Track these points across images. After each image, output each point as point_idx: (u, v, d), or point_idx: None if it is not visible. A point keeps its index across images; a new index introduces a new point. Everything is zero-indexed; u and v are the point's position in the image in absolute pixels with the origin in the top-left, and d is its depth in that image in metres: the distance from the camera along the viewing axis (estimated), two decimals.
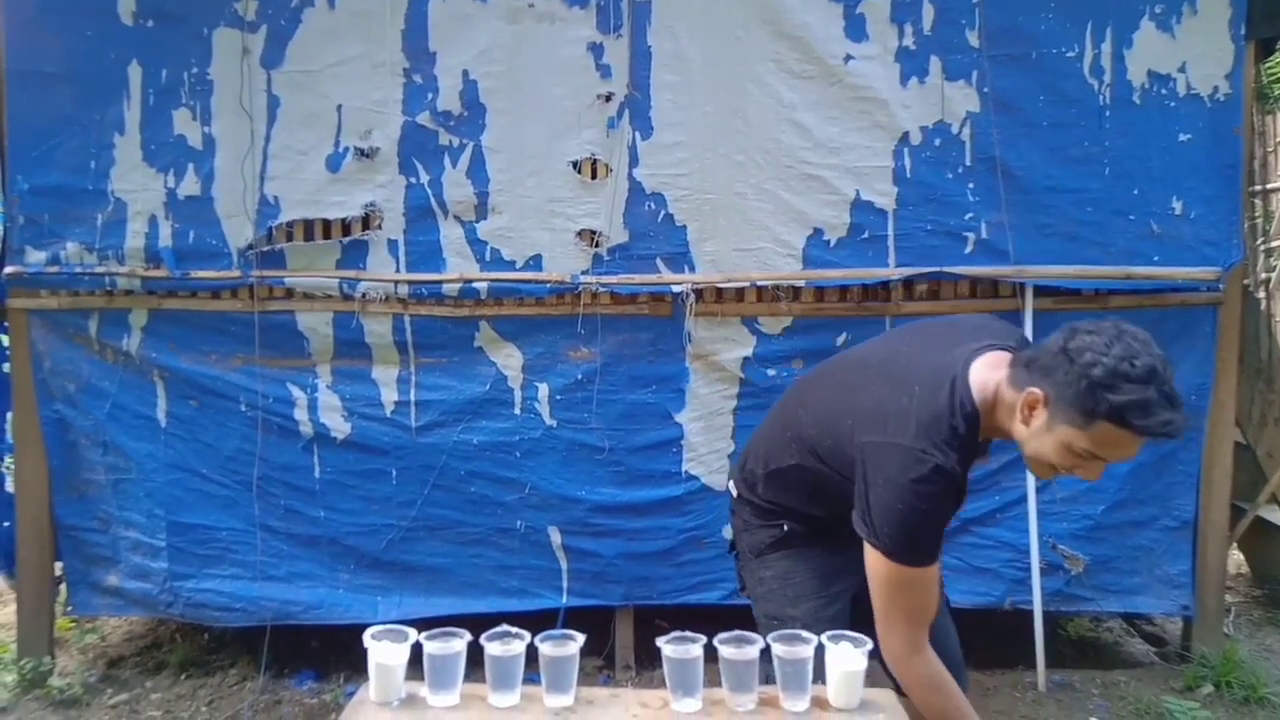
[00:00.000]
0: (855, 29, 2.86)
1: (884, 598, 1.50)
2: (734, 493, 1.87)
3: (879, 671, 1.56)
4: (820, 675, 1.40)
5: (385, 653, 1.38)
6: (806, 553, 1.72)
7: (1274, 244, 5.23)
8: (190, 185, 2.94)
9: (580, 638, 1.40)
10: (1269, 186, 4.94)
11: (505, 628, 1.41)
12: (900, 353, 1.61)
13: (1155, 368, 1.30)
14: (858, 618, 1.58)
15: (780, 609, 1.71)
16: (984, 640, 3.23)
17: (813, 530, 1.75)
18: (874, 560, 1.49)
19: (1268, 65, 3.94)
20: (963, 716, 1.53)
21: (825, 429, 1.61)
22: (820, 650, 1.38)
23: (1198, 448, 2.98)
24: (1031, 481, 2.93)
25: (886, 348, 1.69)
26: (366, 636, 1.40)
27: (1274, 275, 5.09)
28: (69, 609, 3.17)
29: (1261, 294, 4.08)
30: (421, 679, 1.40)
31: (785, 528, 1.75)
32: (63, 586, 3.17)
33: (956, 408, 1.45)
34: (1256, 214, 4.63)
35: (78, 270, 2.97)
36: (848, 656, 1.38)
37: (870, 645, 1.41)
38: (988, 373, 1.48)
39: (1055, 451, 1.39)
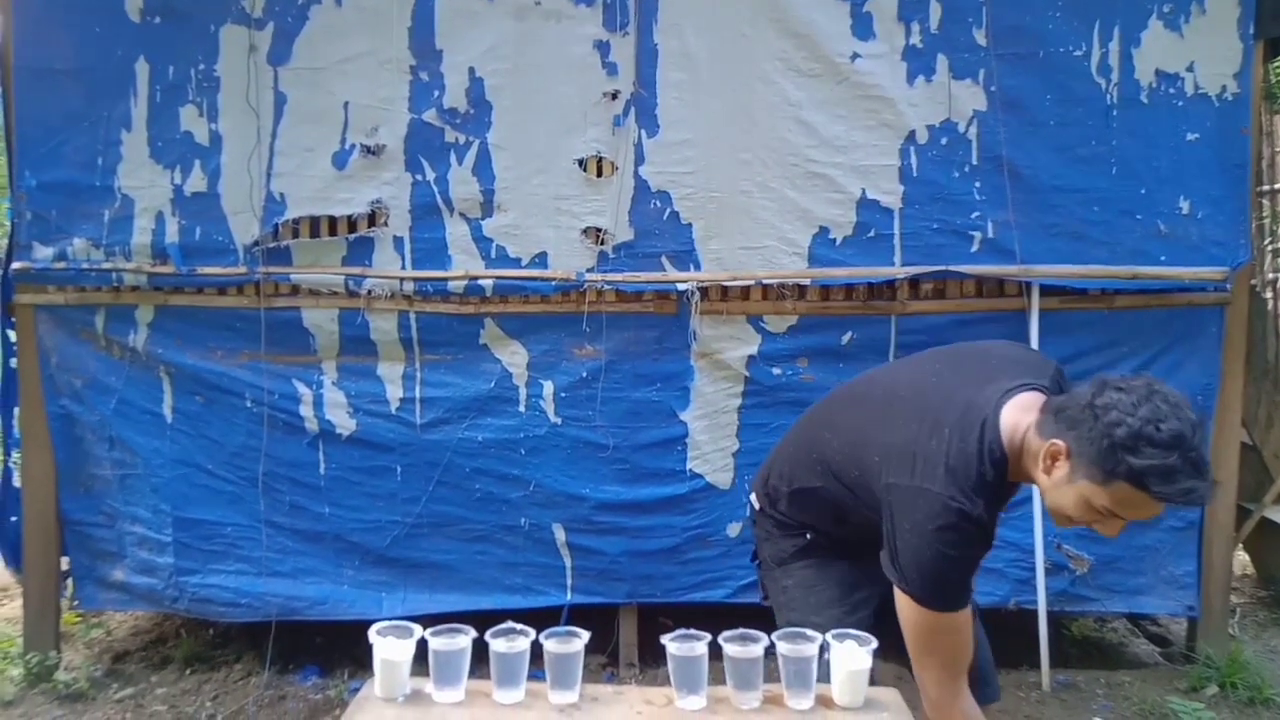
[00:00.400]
0: (862, 27, 2.86)
1: (917, 643, 1.50)
2: (756, 505, 1.86)
3: (883, 671, 1.56)
4: (825, 675, 1.40)
5: (390, 649, 1.39)
6: (830, 561, 1.72)
7: None
8: (197, 182, 2.95)
9: (585, 635, 1.40)
10: (1277, 187, 4.92)
11: (510, 624, 1.41)
12: (931, 385, 1.57)
13: (1183, 434, 1.27)
14: (885, 628, 1.55)
15: (804, 617, 1.68)
16: (988, 640, 3.23)
17: (836, 542, 1.75)
18: (904, 605, 1.48)
19: (1276, 65, 3.93)
20: None
21: (852, 459, 1.60)
22: (825, 648, 1.38)
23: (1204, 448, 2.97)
24: None
25: (917, 375, 1.64)
26: (372, 632, 1.40)
27: None
28: (75, 603, 3.19)
29: (1269, 294, 4.07)
30: (426, 675, 1.40)
31: (808, 537, 1.75)
32: (69, 581, 3.18)
33: (985, 454, 1.42)
34: (1264, 214, 4.61)
35: (85, 266, 2.98)
36: (852, 655, 1.38)
37: (875, 644, 1.41)
38: (1019, 415, 1.45)
39: (1075, 505, 1.37)
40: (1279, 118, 4.92)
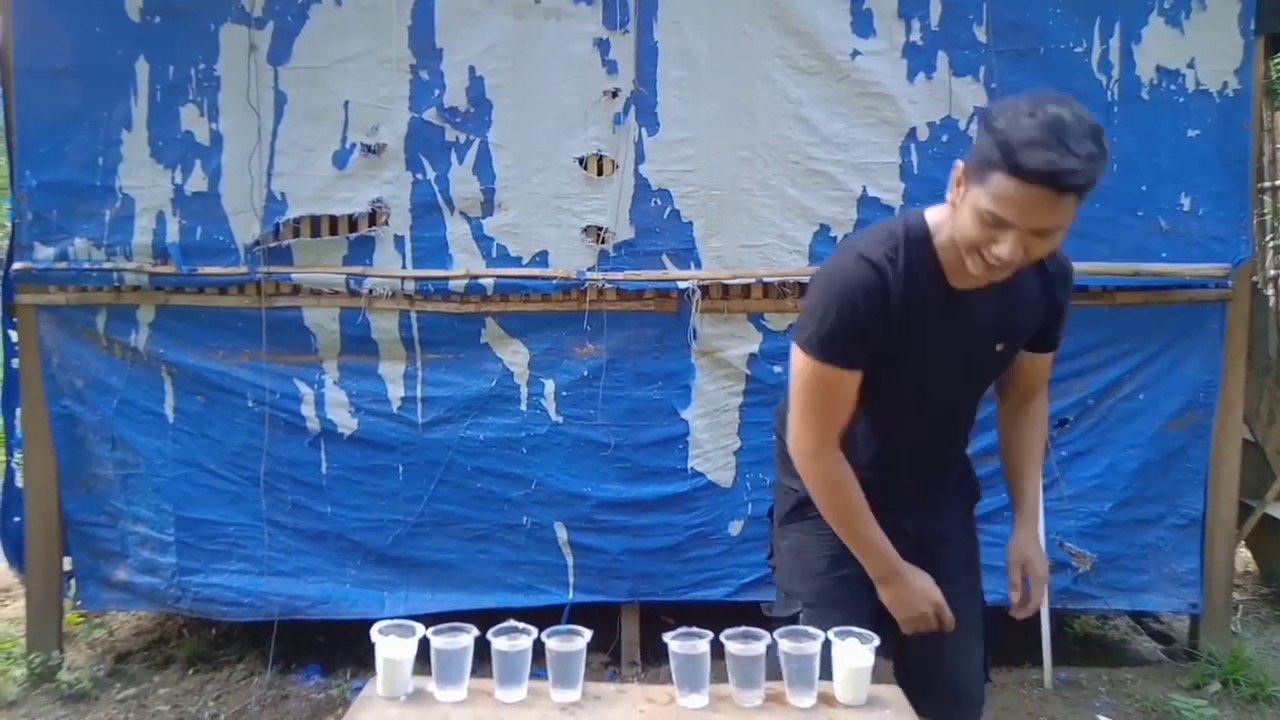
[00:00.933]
0: (862, 24, 2.85)
1: (799, 396, 1.52)
2: (777, 463, 1.83)
3: (884, 668, 1.56)
4: (827, 671, 1.40)
5: (393, 648, 1.39)
6: (824, 529, 1.66)
7: None
8: (198, 181, 2.95)
9: (587, 633, 1.40)
10: (1278, 183, 4.92)
11: (512, 623, 1.41)
12: None
13: (1061, 116, 1.21)
14: (884, 628, 1.53)
15: (788, 583, 1.70)
16: (991, 637, 3.23)
17: None
18: (794, 358, 1.52)
19: (1277, 61, 3.92)
20: (855, 517, 1.54)
21: None
22: (827, 646, 1.38)
23: (1206, 446, 2.97)
24: (1039, 479, 2.92)
25: None
26: (374, 631, 1.40)
27: None
28: (78, 603, 3.19)
29: (1270, 291, 4.06)
30: (429, 674, 1.40)
31: (799, 494, 1.68)
32: (71, 581, 3.18)
33: (903, 224, 1.48)
34: (1265, 210, 4.61)
35: (86, 266, 2.98)
36: (854, 653, 1.38)
37: (877, 642, 1.41)
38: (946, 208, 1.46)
39: (971, 224, 1.32)
40: (1279, 114, 4.91)
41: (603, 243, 2.93)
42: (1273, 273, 4.90)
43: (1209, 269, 2.88)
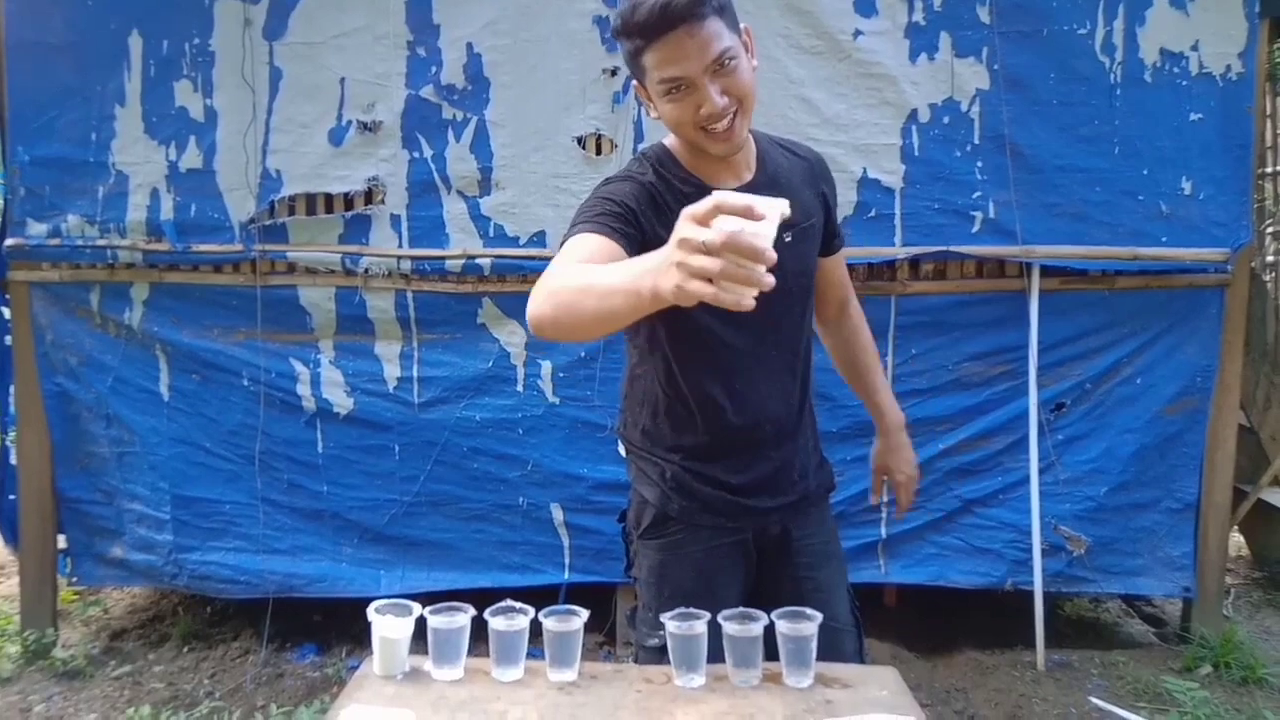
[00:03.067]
0: (865, 4, 2.83)
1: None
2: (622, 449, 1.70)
3: (879, 650, 1.56)
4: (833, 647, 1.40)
5: (389, 627, 1.38)
6: (684, 546, 1.55)
7: None
8: (192, 158, 2.92)
9: (584, 613, 1.40)
10: (1278, 169, 4.90)
11: (509, 603, 1.41)
12: None
13: None
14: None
15: (657, 605, 1.51)
16: (984, 620, 3.25)
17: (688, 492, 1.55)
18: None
19: (1278, 45, 3.89)
20: (583, 280, 1.13)
21: None
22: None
23: (1202, 431, 2.97)
24: (1035, 463, 2.93)
25: None
26: (370, 610, 1.39)
27: None
28: (74, 580, 3.19)
29: (1268, 277, 4.06)
30: (425, 653, 1.40)
31: (658, 507, 1.55)
32: (67, 558, 3.18)
33: (640, 151, 1.51)
34: (1265, 196, 4.59)
35: (79, 243, 2.96)
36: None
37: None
38: None
39: (669, 109, 1.35)
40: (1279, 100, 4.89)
41: None
42: (1271, 259, 4.90)
43: (1208, 254, 2.87)
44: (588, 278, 1.13)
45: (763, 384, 1.52)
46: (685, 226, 0.92)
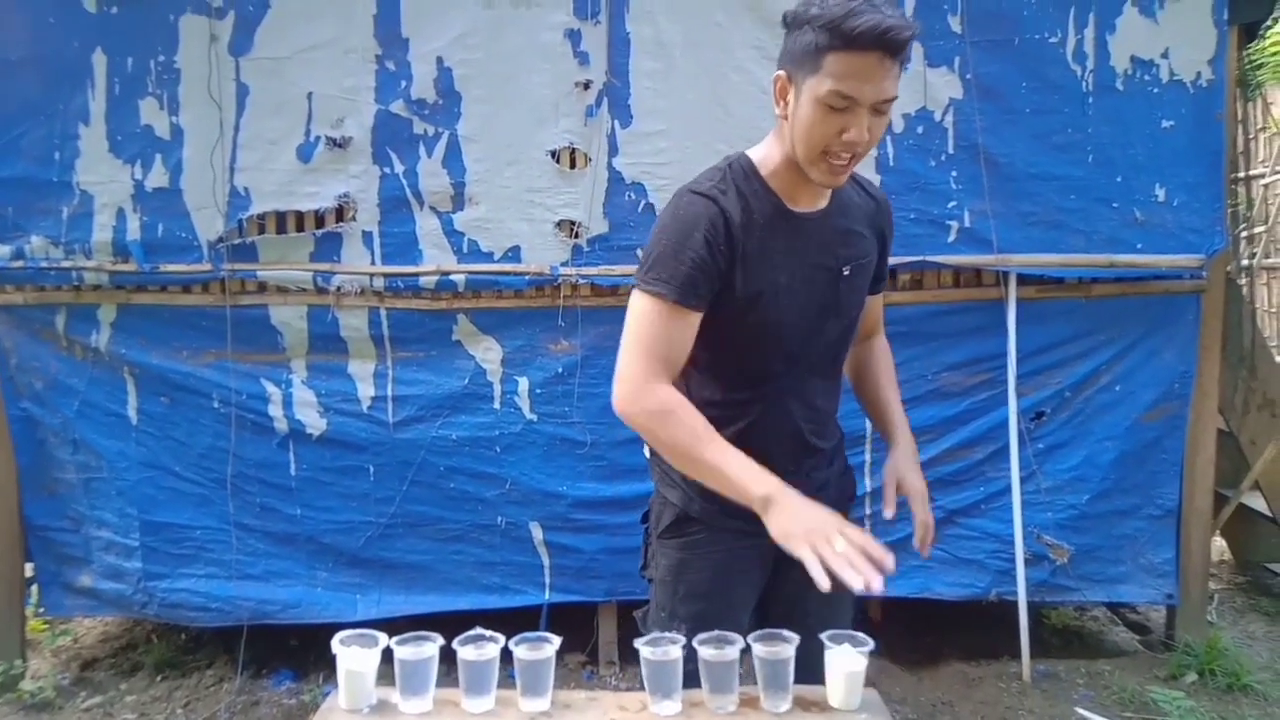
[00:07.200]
0: None
1: (629, 336, 1.45)
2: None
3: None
4: (804, 675, 1.37)
5: (354, 659, 1.34)
6: (704, 546, 1.57)
7: (1256, 230, 5.24)
8: (158, 177, 2.87)
9: (556, 640, 1.36)
10: (1252, 173, 4.94)
11: (479, 630, 1.37)
12: None
13: None
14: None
15: (671, 602, 1.58)
16: (969, 631, 3.23)
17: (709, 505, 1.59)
18: (630, 304, 1.46)
19: (1250, 51, 3.93)
20: (700, 443, 1.35)
21: None
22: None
23: (1181, 436, 2.97)
24: (1016, 472, 2.91)
25: None
26: (335, 642, 1.35)
27: (1255, 262, 5.09)
28: (41, 610, 3.12)
29: (1243, 281, 4.08)
30: (394, 684, 1.36)
31: (680, 507, 1.58)
32: (34, 588, 3.10)
33: (724, 160, 1.51)
34: (1239, 201, 4.63)
35: (43, 264, 2.90)
36: (848, 658, 1.34)
37: (871, 646, 1.37)
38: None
39: (815, 119, 1.32)
40: (1253, 104, 4.94)
41: (576, 237, 2.88)
42: (1246, 263, 4.93)
43: (1184, 260, 2.88)
44: (699, 440, 1.37)
45: (794, 402, 1.53)
46: (816, 530, 1.26)
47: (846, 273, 1.51)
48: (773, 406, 1.51)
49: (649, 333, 1.42)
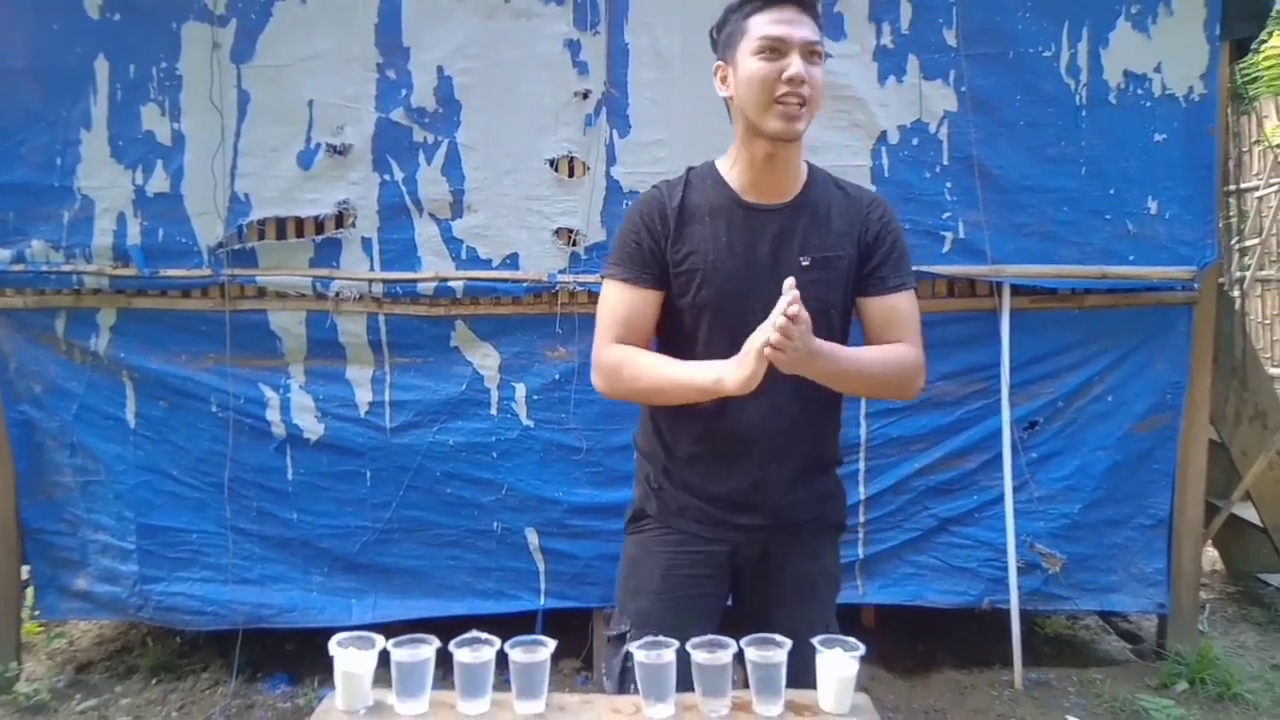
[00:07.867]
0: (833, 28, 2.85)
1: (598, 321, 1.58)
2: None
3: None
4: (797, 680, 1.38)
5: (351, 660, 1.35)
6: (655, 544, 1.63)
7: (1248, 243, 5.28)
8: (159, 182, 2.89)
9: (551, 644, 1.38)
10: (1243, 186, 4.98)
11: (475, 633, 1.39)
12: None
13: None
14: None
15: (621, 597, 1.69)
16: (962, 639, 3.24)
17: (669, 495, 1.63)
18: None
19: (1242, 65, 3.97)
20: (654, 370, 1.51)
21: None
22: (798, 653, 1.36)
23: (1173, 447, 2.99)
24: (1009, 481, 2.93)
25: None
26: (332, 644, 1.37)
27: (1248, 274, 5.13)
28: (36, 613, 3.12)
29: (1235, 293, 4.11)
30: (390, 686, 1.37)
31: (637, 503, 1.67)
32: (30, 590, 3.10)
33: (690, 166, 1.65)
34: (1231, 213, 4.66)
35: (44, 269, 2.91)
36: (839, 662, 1.36)
37: (862, 650, 1.38)
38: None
39: (751, 72, 1.46)
40: (1245, 118, 4.98)
41: (574, 245, 2.91)
42: (1238, 275, 4.97)
43: (1176, 272, 2.91)
44: (657, 378, 1.50)
45: (758, 400, 1.46)
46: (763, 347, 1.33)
47: (805, 263, 1.52)
48: (733, 404, 1.47)
49: (605, 310, 1.57)
